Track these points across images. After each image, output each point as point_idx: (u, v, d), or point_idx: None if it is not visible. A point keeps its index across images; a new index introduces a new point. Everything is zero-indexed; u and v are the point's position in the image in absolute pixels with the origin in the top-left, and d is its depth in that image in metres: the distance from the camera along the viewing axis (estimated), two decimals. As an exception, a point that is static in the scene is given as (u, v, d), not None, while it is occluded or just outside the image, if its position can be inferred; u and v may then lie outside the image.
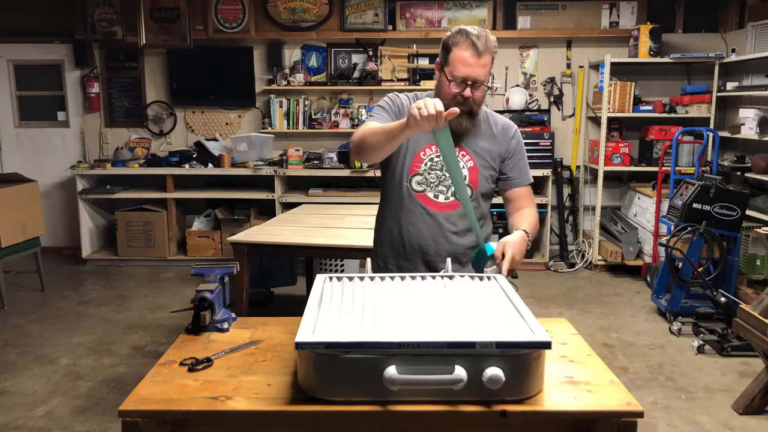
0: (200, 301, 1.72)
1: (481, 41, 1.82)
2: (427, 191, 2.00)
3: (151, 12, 5.64)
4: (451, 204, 2.00)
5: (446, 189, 1.99)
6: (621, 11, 5.51)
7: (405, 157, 1.99)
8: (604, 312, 4.42)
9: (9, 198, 4.48)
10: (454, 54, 1.85)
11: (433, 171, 1.99)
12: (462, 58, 1.83)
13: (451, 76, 1.86)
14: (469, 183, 1.99)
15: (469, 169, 1.99)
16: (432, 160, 1.99)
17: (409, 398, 1.29)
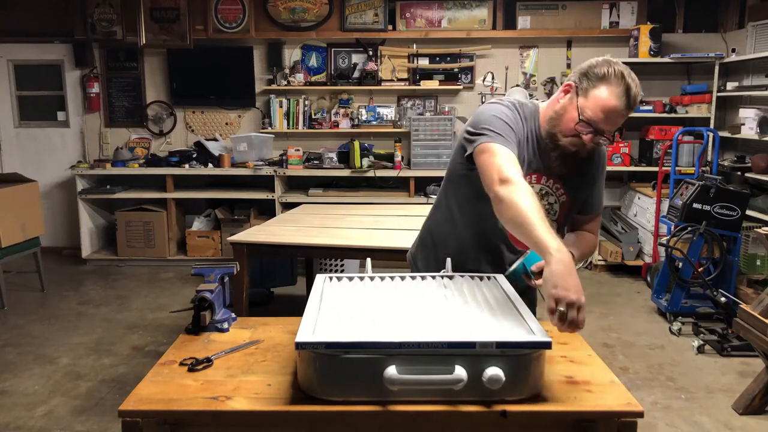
0: (200, 301, 1.72)
1: (634, 94, 1.57)
2: None
3: (151, 12, 5.64)
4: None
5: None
6: (621, 11, 5.51)
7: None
8: (604, 312, 4.42)
9: (9, 198, 4.48)
10: (600, 92, 1.57)
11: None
12: (605, 103, 1.56)
13: (581, 113, 1.58)
14: (557, 219, 1.78)
15: (560, 205, 1.77)
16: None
17: (409, 398, 1.28)
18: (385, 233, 3.41)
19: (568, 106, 1.63)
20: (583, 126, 1.59)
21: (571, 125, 1.61)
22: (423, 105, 5.76)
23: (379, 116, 5.70)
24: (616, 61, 1.62)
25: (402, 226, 3.59)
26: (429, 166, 5.43)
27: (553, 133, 1.67)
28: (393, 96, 5.79)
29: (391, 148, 5.57)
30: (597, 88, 1.58)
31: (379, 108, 5.72)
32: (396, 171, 5.44)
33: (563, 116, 1.64)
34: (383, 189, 5.57)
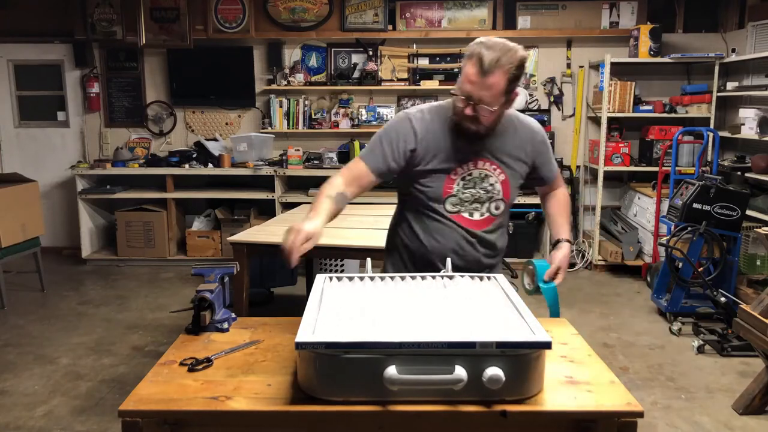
0: (200, 301, 1.72)
1: (491, 58, 1.67)
2: (462, 211, 1.91)
3: (151, 12, 5.64)
4: (486, 219, 1.93)
5: (481, 204, 1.91)
6: (621, 11, 5.51)
7: (435, 180, 1.88)
8: (604, 312, 4.42)
9: (9, 198, 4.48)
10: (464, 67, 1.73)
11: (467, 190, 1.89)
12: (467, 74, 1.71)
13: (457, 89, 1.76)
14: (503, 197, 1.92)
15: (501, 183, 1.90)
16: (464, 179, 1.88)
17: (409, 398, 1.29)
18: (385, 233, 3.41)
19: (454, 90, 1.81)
20: (459, 100, 1.76)
21: (458, 105, 1.78)
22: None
23: (379, 116, 5.70)
24: (480, 39, 1.75)
25: (402, 226, 3.59)
26: (429, 166, 5.42)
27: (455, 119, 1.83)
28: (393, 96, 5.79)
29: (391, 148, 5.55)
30: (464, 65, 1.74)
31: (379, 108, 5.72)
32: (396, 171, 5.43)
33: (454, 102, 1.82)
34: (383, 189, 5.53)
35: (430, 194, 1.89)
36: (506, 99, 1.76)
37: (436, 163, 1.86)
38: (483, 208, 1.92)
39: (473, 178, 1.89)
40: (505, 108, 1.80)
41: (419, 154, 1.86)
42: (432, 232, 1.93)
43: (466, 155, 1.87)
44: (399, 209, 2.07)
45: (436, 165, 1.87)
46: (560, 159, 5.68)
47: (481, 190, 1.89)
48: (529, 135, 1.95)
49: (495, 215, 1.94)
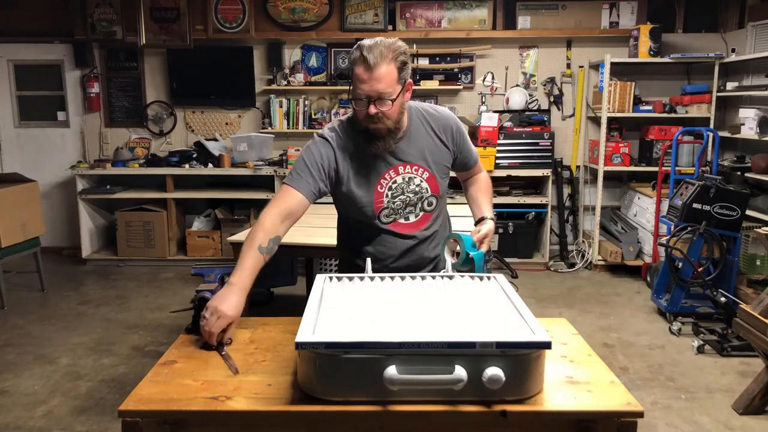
0: (200, 301, 1.72)
1: (374, 53, 1.70)
2: (397, 218, 1.94)
3: (151, 12, 5.64)
4: (422, 219, 1.96)
5: (413, 207, 1.94)
6: (621, 11, 5.51)
7: (363, 197, 1.89)
8: (604, 312, 4.42)
9: (9, 198, 4.48)
10: (353, 71, 1.75)
11: (396, 198, 1.91)
12: (357, 75, 1.74)
13: (353, 96, 1.78)
14: (433, 193, 1.94)
15: (427, 180, 1.93)
16: (391, 188, 1.90)
17: (409, 398, 1.29)
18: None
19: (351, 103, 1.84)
20: (356, 104, 1.78)
21: (358, 110, 1.80)
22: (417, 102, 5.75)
23: (379, 116, 5.70)
24: (360, 42, 1.77)
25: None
26: (429, 166, 5.42)
27: (361, 128, 1.84)
28: (393, 96, 5.78)
29: (391, 148, 5.55)
30: (353, 73, 1.77)
31: (379, 108, 5.72)
32: (396, 171, 5.43)
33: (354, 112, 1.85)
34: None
35: (364, 212, 1.91)
36: (402, 87, 1.78)
37: (361, 182, 1.88)
38: (417, 209, 1.95)
39: (399, 185, 1.90)
40: (404, 98, 1.82)
41: (342, 173, 1.87)
42: (374, 243, 1.96)
43: (385, 166, 1.89)
44: (338, 220, 2.10)
45: (361, 183, 1.88)
46: (560, 159, 5.68)
47: (410, 193, 1.92)
48: (444, 123, 1.97)
49: (429, 211, 1.97)
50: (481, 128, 5.31)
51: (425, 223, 1.98)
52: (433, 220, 2.01)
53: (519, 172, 5.42)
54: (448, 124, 1.98)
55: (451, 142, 1.98)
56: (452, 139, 1.98)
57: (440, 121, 1.97)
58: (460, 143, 2.00)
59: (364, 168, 1.88)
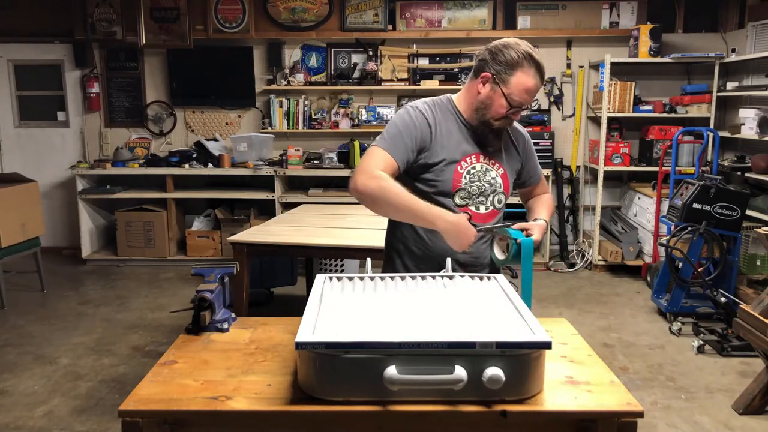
0: (200, 301, 1.72)
1: (543, 69, 1.82)
2: (469, 204, 1.92)
3: (151, 12, 5.64)
4: (491, 213, 1.96)
5: (486, 198, 1.94)
6: (621, 11, 5.51)
7: (444, 173, 1.88)
8: (604, 312, 4.42)
9: (9, 198, 4.48)
10: (519, 78, 1.78)
11: (473, 183, 1.91)
12: (528, 87, 1.79)
13: (510, 100, 1.80)
14: (504, 191, 1.97)
15: (501, 176, 1.96)
16: (469, 172, 1.90)
17: (409, 398, 1.28)
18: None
19: (493, 96, 1.83)
20: (510, 109, 1.83)
21: (501, 111, 1.83)
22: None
23: (379, 116, 5.71)
24: (517, 42, 1.81)
25: (402, 226, 3.59)
26: (429, 166, 5.42)
27: (485, 120, 1.88)
28: (393, 96, 5.79)
29: (391, 148, 5.55)
30: (515, 75, 1.79)
31: (379, 108, 5.73)
32: (396, 171, 5.43)
33: (491, 105, 1.85)
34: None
35: (439, 187, 1.88)
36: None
37: (445, 156, 1.88)
38: (488, 202, 1.94)
39: (477, 171, 1.92)
40: None
41: (431, 146, 1.87)
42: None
43: (469, 149, 1.92)
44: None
45: (445, 158, 1.88)
46: (560, 159, 5.68)
47: (486, 183, 1.93)
48: (520, 133, 2.07)
49: (498, 209, 1.97)
50: (481, 128, 5.30)
51: (493, 218, 1.97)
52: (498, 220, 2.00)
53: (519, 172, 5.41)
54: (522, 133, 2.07)
55: (522, 150, 2.05)
56: (523, 148, 2.05)
57: (516, 129, 2.06)
58: (527, 154, 2.07)
59: (450, 146, 1.89)
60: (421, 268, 1.93)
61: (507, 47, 1.80)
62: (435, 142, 1.87)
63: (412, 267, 1.97)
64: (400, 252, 2.00)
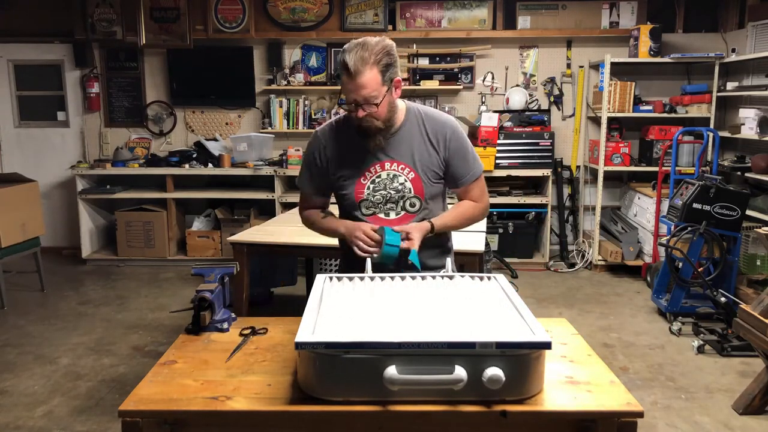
0: (200, 301, 1.72)
1: (354, 60, 1.74)
2: (377, 213, 1.96)
3: (151, 12, 5.64)
4: (404, 218, 1.96)
5: (395, 204, 1.95)
6: (621, 11, 5.51)
7: (347, 186, 1.96)
8: (604, 312, 4.42)
9: (9, 198, 4.48)
10: (340, 76, 1.81)
11: (377, 192, 1.95)
12: (342, 82, 1.80)
13: (341, 98, 1.85)
14: (416, 194, 1.94)
15: (411, 181, 1.94)
16: (374, 181, 1.94)
17: (409, 398, 1.29)
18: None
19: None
20: (346, 107, 1.85)
21: (351, 114, 1.87)
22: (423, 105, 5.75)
23: (379, 116, 5.70)
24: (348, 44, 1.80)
25: (402, 226, 3.59)
26: (429, 166, 5.42)
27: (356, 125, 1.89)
28: (393, 96, 5.78)
29: (391, 148, 5.55)
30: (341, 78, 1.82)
31: (379, 108, 5.72)
32: (396, 171, 5.43)
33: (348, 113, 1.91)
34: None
35: (346, 200, 1.99)
36: (388, 88, 1.82)
37: (345, 171, 1.96)
38: (398, 207, 1.96)
39: (382, 180, 1.94)
40: (392, 97, 1.86)
41: (330, 164, 1.98)
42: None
43: (372, 159, 1.94)
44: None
45: (345, 172, 1.96)
46: (560, 159, 5.68)
47: (392, 190, 1.94)
48: (438, 128, 1.96)
49: (412, 212, 1.96)
50: (481, 128, 5.31)
51: (407, 222, 1.95)
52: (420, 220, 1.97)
53: (519, 172, 5.42)
54: (443, 130, 1.96)
55: (442, 148, 1.95)
56: (444, 145, 1.95)
57: (436, 125, 1.97)
58: (452, 151, 1.96)
59: (351, 159, 1.95)
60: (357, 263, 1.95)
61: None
62: (332, 159, 1.97)
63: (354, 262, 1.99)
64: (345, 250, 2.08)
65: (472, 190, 2.03)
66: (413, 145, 1.94)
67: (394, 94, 1.86)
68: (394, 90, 1.85)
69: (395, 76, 1.83)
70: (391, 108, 1.87)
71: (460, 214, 2.02)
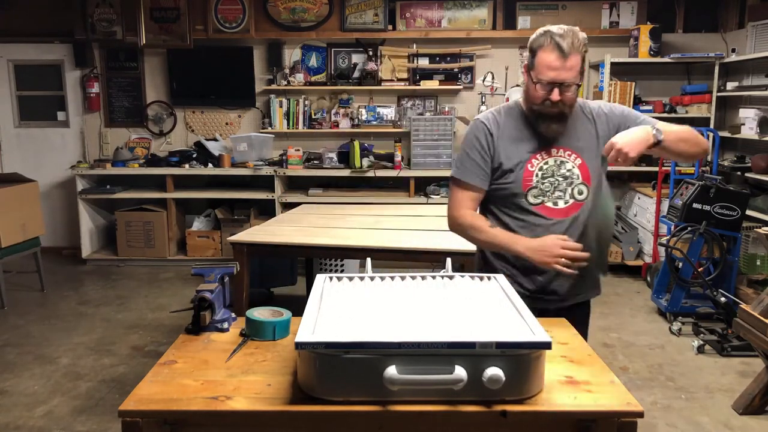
0: (200, 301, 1.72)
1: (567, 42, 1.77)
2: (545, 201, 1.91)
3: (151, 12, 5.64)
4: (572, 206, 1.92)
5: (563, 192, 1.91)
6: (621, 11, 5.51)
7: (514, 174, 1.91)
8: (604, 312, 4.42)
9: (9, 198, 4.48)
10: (540, 57, 1.81)
11: (546, 179, 1.91)
12: (548, 62, 1.79)
13: (536, 79, 1.83)
14: (584, 180, 1.91)
15: (579, 167, 1.91)
16: (542, 168, 1.91)
17: (409, 398, 1.28)
18: (385, 233, 3.42)
19: (528, 83, 1.89)
20: (541, 87, 1.83)
21: (536, 93, 1.85)
22: (423, 105, 5.76)
23: (379, 116, 5.70)
24: (543, 29, 1.84)
25: (402, 226, 3.59)
26: (429, 166, 5.43)
27: (531, 108, 1.90)
28: (393, 96, 5.79)
29: (391, 148, 5.57)
30: (537, 56, 1.83)
31: (379, 108, 5.72)
32: (396, 171, 5.44)
33: (529, 91, 1.90)
34: (383, 189, 5.57)
35: (512, 189, 1.92)
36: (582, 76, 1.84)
37: (512, 158, 1.91)
38: (566, 195, 1.91)
39: (550, 166, 1.91)
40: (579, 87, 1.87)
41: (497, 150, 1.92)
42: (521, 227, 1.93)
43: (538, 146, 1.91)
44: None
45: (512, 159, 1.91)
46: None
47: (560, 177, 1.91)
48: (602, 114, 1.96)
49: (580, 200, 1.92)
50: (481, 128, 5.30)
51: (575, 211, 1.92)
52: (584, 212, 1.93)
53: (519, 172, 5.41)
54: (605, 113, 1.96)
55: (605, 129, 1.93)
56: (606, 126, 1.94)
57: (596, 110, 1.97)
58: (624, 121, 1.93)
59: (518, 146, 1.92)
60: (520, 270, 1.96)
61: (536, 36, 1.84)
62: (498, 146, 1.92)
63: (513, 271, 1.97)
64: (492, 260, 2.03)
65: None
66: (578, 131, 1.93)
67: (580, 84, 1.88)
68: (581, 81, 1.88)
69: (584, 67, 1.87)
70: (575, 98, 1.89)
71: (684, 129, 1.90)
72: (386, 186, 5.60)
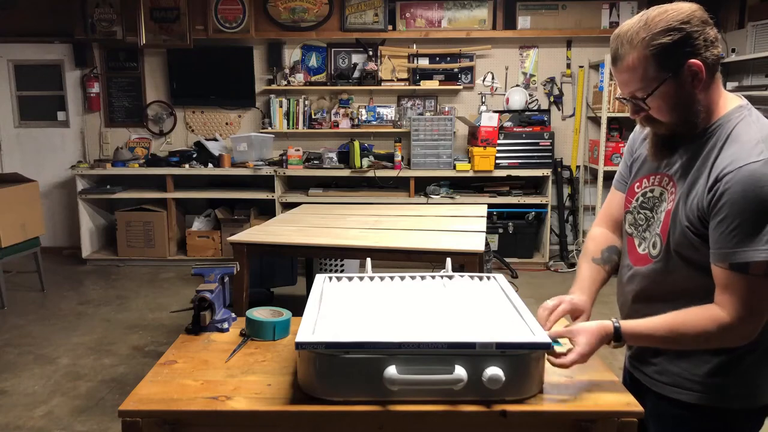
0: (200, 301, 1.72)
1: (618, 41, 1.32)
2: (634, 236, 1.48)
3: (151, 12, 5.64)
4: (643, 258, 1.44)
5: (649, 236, 1.42)
6: (621, 11, 5.51)
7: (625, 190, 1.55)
8: (604, 312, 4.39)
9: (9, 198, 4.48)
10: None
11: (642, 210, 1.45)
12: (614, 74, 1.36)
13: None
14: (660, 232, 1.38)
15: (665, 212, 1.38)
16: (644, 195, 1.45)
17: (409, 398, 1.28)
18: (386, 233, 3.41)
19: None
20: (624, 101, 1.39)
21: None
22: (423, 105, 5.76)
23: (379, 116, 5.71)
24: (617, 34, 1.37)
25: (402, 226, 3.59)
26: (429, 166, 5.44)
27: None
28: (393, 96, 5.79)
29: (391, 148, 5.57)
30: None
31: (379, 108, 5.73)
32: (396, 171, 5.44)
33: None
34: (383, 189, 5.58)
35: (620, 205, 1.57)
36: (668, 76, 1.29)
37: (635, 170, 1.53)
38: (646, 242, 1.44)
39: (652, 197, 1.44)
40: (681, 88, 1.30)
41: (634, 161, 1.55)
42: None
43: (654, 167, 1.45)
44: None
45: (633, 173, 1.53)
46: (560, 159, 5.68)
47: (652, 215, 1.43)
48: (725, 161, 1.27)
49: (654, 257, 1.40)
50: (481, 128, 5.32)
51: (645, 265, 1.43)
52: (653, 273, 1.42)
53: (519, 172, 5.43)
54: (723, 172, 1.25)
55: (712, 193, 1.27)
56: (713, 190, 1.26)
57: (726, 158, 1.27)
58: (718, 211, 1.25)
59: (645, 159, 1.48)
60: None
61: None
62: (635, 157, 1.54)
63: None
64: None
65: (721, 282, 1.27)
66: (694, 166, 1.33)
67: (686, 84, 1.30)
68: (686, 79, 1.30)
69: (689, 57, 1.32)
70: (682, 104, 1.30)
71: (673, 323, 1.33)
72: (386, 186, 5.60)
